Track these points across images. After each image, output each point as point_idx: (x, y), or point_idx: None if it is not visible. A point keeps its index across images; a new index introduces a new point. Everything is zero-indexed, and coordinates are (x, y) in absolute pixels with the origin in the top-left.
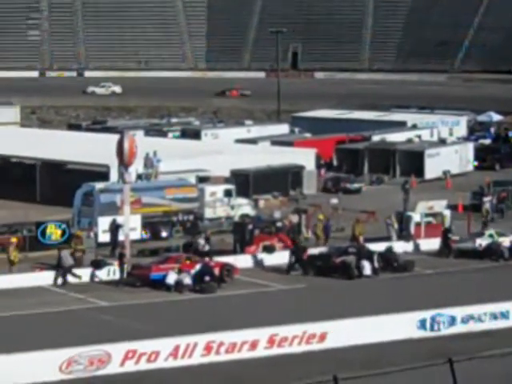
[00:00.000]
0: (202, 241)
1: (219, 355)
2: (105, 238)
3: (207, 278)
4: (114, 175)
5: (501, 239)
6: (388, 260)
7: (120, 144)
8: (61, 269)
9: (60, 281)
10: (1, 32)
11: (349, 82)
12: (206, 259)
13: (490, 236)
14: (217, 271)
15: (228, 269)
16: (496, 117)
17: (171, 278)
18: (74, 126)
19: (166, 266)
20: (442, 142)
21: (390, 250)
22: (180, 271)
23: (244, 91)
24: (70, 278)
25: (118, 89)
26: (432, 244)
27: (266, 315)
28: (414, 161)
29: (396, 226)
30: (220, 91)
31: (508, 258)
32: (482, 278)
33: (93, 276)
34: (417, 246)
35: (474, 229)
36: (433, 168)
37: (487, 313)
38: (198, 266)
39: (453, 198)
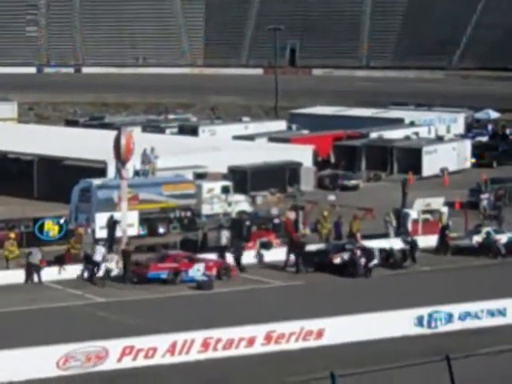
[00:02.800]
0: (226, 233)
1: (216, 351)
2: (102, 234)
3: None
4: (111, 171)
5: (498, 236)
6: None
7: (117, 140)
8: (32, 267)
9: (36, 279)
10: None
11: (347, 79)
12: (201, 257)
13: (488, 233)
14: (214, 270)
15: (225, 267)
16: (494, 114)
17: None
18: (71, 122)
19: (164, 264)
20: (440, 139)
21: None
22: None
23: None
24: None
25: None
26: (429, 241)
27: (263, 312)
28: (411, 158)
29: (394, 223)
30: None
31: (505, 254)
32: (479, 275)
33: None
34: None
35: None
36: (430, 165)
37: (484, 310)
38: None
39: (450, 196)
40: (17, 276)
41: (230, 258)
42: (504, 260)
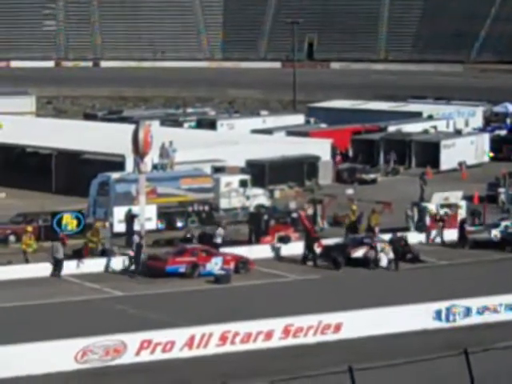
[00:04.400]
0: (221, 231)
1: (234, 345)
2: (120, 228)
3: None
4: (129, 165)
5: None
6: (403, 251)
7: (135, 134)
8: (58, 262)
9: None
10: (17, 22)
11: (365, 73)
12: (219, 251)
13: (506, 227)
14: (232, 264)
15: (243, 261)
16: None
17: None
18: (89, 116)
19: (182, 258)
20: (458, 132)
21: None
22: None
23: None
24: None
25: None
26: (447, 235)
27: (281, 305)
28: (429, 151)
29: (416, 217)
30: None
31: None
32: (498, 269)
33: (107, 266)
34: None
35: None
36: (448, 159)
37: (503, 304)
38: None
39: (468, 189)
40: (35, 270)
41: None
42: None
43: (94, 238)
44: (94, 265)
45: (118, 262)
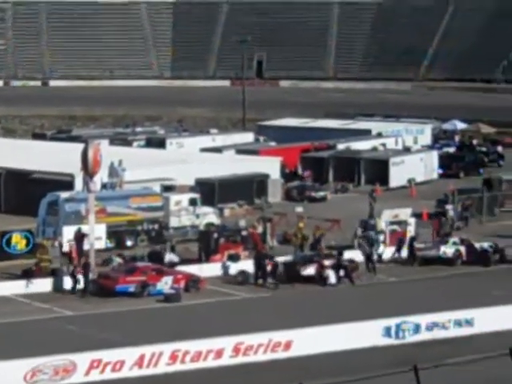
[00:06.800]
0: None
1: (184, 364)
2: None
3: None
4: (78, 184)
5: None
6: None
7: (84, 153)
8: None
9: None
10: None
11: (314, 91)
12: (170, 270)
13: (454, 244)
14: (182, 283)
15: (194, 280)
16: (460, 125)
17: None
18: (38, 136)
19: (132, 278)
20: (407, 150)
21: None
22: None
23: None
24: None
25: None
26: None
27: (231, 324)
28: (378, 169)
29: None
30: None
31: None
32: (447, 285)
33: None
34: (381, 254)
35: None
36: (397, 176)
37: (451, 320)
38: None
39: (418, 206)
40: None
41: None
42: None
43: (45, 255)
44: (43, 284)
45: (68, 282)
